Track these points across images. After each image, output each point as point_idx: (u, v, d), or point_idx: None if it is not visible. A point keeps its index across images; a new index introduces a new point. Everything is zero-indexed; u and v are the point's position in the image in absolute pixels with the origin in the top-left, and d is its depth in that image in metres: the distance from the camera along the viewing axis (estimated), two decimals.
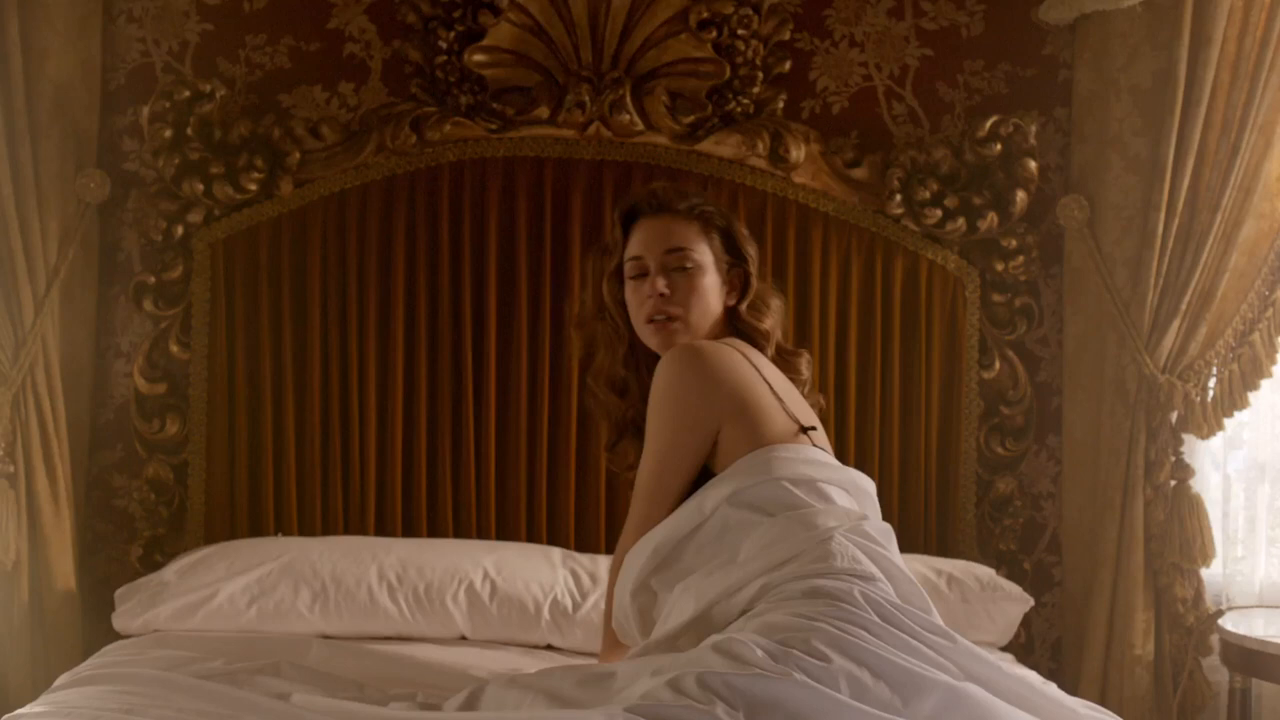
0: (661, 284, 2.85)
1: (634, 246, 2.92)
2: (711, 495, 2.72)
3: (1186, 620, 3.94)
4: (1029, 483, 4.14)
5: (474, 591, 3.52)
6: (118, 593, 3.52)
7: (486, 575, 3.56)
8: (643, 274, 2.90)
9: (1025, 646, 3.98)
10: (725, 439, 2.76)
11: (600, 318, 2.98)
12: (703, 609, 2.56)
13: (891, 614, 2.40)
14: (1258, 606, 4.05)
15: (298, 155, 3.90)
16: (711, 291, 2.91)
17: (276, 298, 3.92)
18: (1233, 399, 3.93)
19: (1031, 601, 3.69)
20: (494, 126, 3.94)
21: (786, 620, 2.37)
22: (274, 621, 3.45)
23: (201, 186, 3.85)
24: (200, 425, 3.93)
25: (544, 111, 3.95)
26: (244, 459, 3.91)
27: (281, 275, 3.92)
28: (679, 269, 2.87)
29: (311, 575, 3.50)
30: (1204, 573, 3.97)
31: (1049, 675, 3.93)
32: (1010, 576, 3.92)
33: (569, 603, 3.53)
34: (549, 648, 3.52)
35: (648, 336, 2.92)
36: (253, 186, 3.88)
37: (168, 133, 3.83)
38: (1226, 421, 3.96)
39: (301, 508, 3.91)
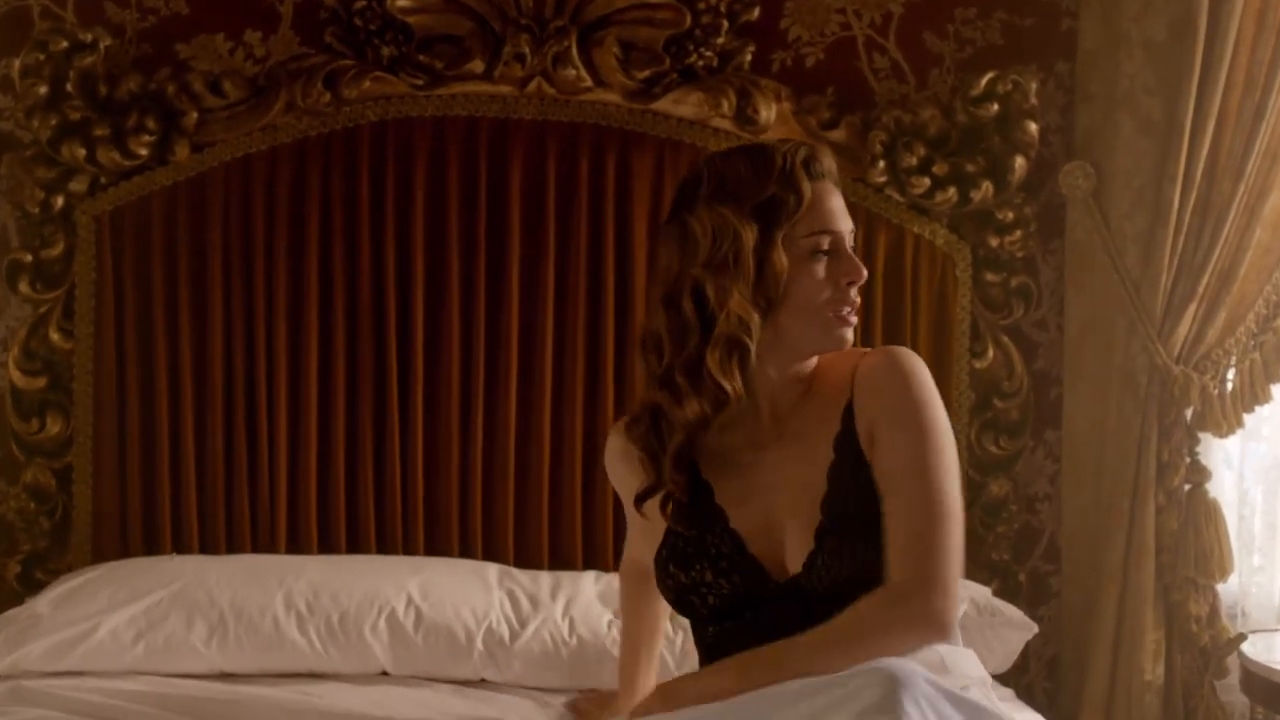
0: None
1: (821, 217, 2.31)
2: None
3: (1200, 640, 3.65)
4: (1024, 483, 3.85)
5: (396, 620, 3.19)
6: None
7: (411, 601, 3.23)
8: (825, 252, 2.33)
9: (1019, 665, 3.63)
10: None
11: (768, 292, 2.29)
12: None
13: None
14: (1274, 630, 3.74)
15: (195, 115, 3.56)
16: None
17: (172, 278, 3.58)
18: (1254, 392, 3.64)
19: (1035, 629, 3.39)
20: (420, 82, 3.61)
21: None
22: (164, 659, 3.11)
23: (84, 151, 3.51)
24: (86, 425, 3.58)
25: (478, 65, 3.62)
26: (136, 463, 3.57)
27: (178, 253, 3.58)
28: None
29: (208, 604, 3.18)
30: (1218, 586, 3.69)
31: (1044, 696, 3.79)
32: (1004, 590, 3.68)
33: (506, 631, 3.21)
34: (483, 683, 3.21)
35: (821, 329, 2.32)
36: (144, 151, 3.55)
37: (43, 89, 3.48)
38: (1245, 416, 3.67)
39: (203, 519, 3.58)
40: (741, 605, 2.32)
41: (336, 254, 3.59)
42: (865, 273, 2.35)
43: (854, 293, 2.34)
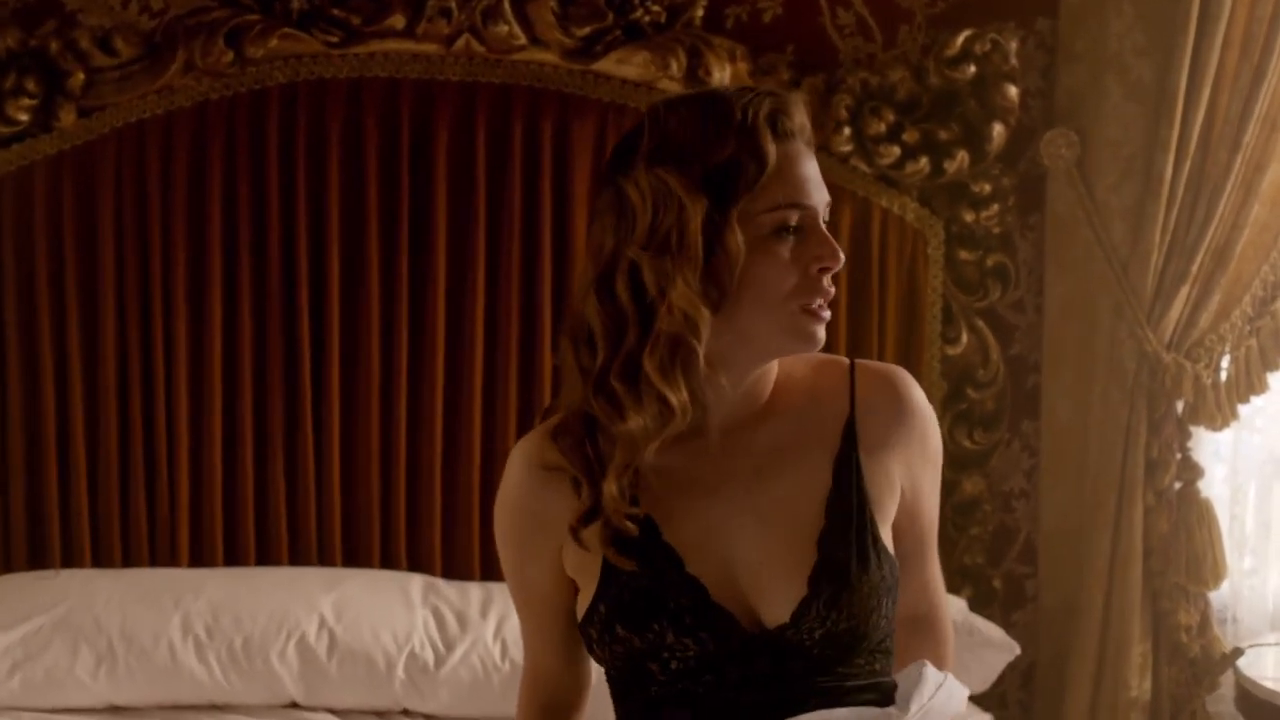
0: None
1: (788, 186, 1.88)
2: None
3: (1190, 651, 3.50)
4: (999, 479, 3.69)
5: (307, 646, 3.11)
6: None
7: (324, 623, 3.13)
8: (793, 230, 1.89)
9: None
10: None
11: (720, 281, 1.88)
12: None
13: None
14: (1273, 644, 3.54)
15: (82, 75, 3.44)
16: None
17: (58, 258, 3.45)
18: (1250, 381, 3.49)
19: (1016, 650, 3.27)
20: (334, 40, 3.50)
21: None
22: (44, 693, 3.05)
23: None
24: None
25: (399, 20, 3.50)
26: (20, 465, 3.43)
27: (64, 230, 3.45)
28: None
29: (94, 631, 3.07)
30: (1210, 593, 3.54)
31: (1018, 708, 3.66)
32: (978, 597, 3.57)
33: (430, 656, 3.13)
34: (405, 713, 3.14)
35: (786, 327, 1.90)
36: (23, 116, 3.43)
37: None
38: (1240, 407, 3.52)
39: (95, 528, 3.43)
40: (706, 668, 1.97)
41: (242, 231, 3.47)
42: (842, 257, 1.96)
43: (827, 281, 1.97)
